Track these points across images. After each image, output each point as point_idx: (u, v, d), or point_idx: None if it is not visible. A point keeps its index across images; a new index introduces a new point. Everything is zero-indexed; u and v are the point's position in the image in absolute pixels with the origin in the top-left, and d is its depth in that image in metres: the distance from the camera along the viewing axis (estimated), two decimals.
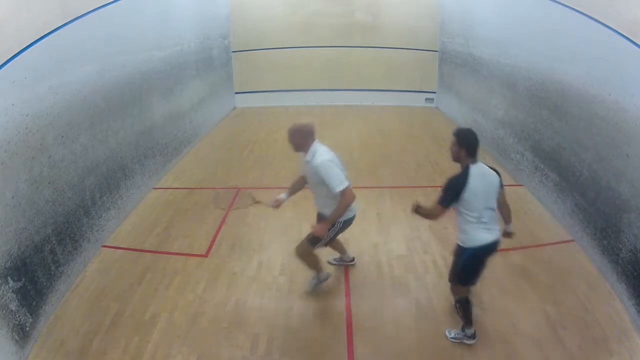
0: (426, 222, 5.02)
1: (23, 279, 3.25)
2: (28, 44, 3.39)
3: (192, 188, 6.14)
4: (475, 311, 3.46)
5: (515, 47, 6.45)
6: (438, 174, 6.52)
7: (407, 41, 10.97)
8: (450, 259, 4.28)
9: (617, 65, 3.90)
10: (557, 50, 5.13)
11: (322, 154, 3.31)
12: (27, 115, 3.39)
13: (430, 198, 5.61)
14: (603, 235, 4.03)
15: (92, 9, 4.41)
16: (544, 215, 5.19)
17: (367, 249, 4.52)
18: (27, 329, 3.22)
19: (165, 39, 6.68)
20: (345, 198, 3.21)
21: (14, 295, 3.13)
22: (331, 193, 3.22)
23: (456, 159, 3.07)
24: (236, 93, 11.27)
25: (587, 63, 4.43)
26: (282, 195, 3.66)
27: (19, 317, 3.14)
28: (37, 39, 3.51)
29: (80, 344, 3.29)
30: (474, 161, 3.00)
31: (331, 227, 3.38)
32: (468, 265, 3.13)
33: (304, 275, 4.10)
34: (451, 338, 3.30)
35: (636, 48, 3.59)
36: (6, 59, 3.14)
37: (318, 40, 10.96)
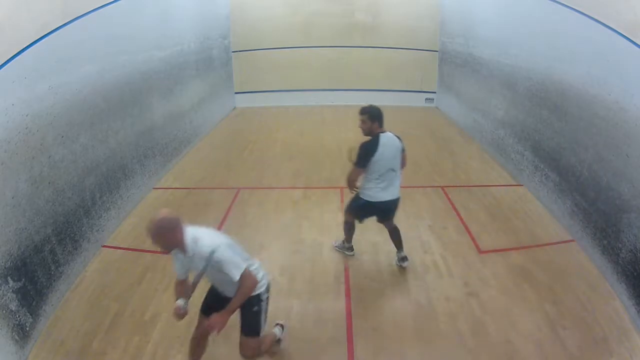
0: (426, 222, 5.04)
1: (23, 279, 3.25)
2: (28, 44, 3.39)
3: (192, 188, 6.14)
4: (475, 312, 3.46)
5: (515, 47, 6.45)
6: (438, 174, 6.52)
7: (407, 41, 10.96)
8: (450, 259, 4.32)
9: (617, 65, 3.90)
10: (557, 50, 5.13)
11: (207, 238, 2.66)
12: (27, 115, 3.39)
13: (430, 198, 5.67)
14: (603, 235, 4.03)
15: (92, 9, 4.41)
16: (544, 215, 5.19)
17: (367, 249, 4.52)
18: (27, 329, 3.22)
19: (165, 39, 6.68)
20: (247, 283, 2.60)
21: (14, 295, 3.12)
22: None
23: (368, 132, 3.72)
24: (236, 93, 11.27)
25: (587, 63, 4.43)
26: (180, 302, 2.73)
27: (19, 317, 3.14)
28: (37, 39, 3.50)
29: (80, 344, 3.29)
30: (383, 131, 3.72)
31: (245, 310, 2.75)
32: (359, 208, 3.99)
33: (304, 275, 4.11)
34: (335, 246, 4.41)
35: (636, 48, 3.59)
36: (6, 59, 3.14)
37: (318, 40, 10.96)
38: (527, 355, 3.14)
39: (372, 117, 3.70)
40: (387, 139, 3.71)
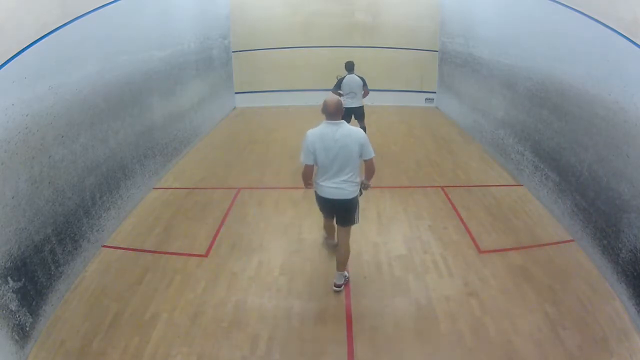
0: (426, 222, 5.04)
1: (23, 279, 3.25)
2: (28, 44, 3.39)
3: (192, 188, 6.14)
4: (475, 312, 3.47)
5: (515, 47, 6.45)
6: (438, 174, 6.52)
7: (407, 41, 10.96)
8: (450, 259, 4.32)
9: (617, 65, 3.90)
10: (557, 50, 5.13)
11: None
12: (27, 115, 3.39)
13: (430, 198, 5.67)
14: (603, 235, 4.03)
15: (92, 9, 4.41)
16: (544, 215, 5.19)
17: (367, 249, 4.52)
18: (27, 329, 3.22)
19: (165, 39, 6.68)
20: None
21: (14, 295, 3.13)
22: None
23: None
24: (236, 93, 11.27)
25: (587, 63, 4.43)
26: None
27: (19, 317, 3.15)
28: (37, 39, 3.50)
29: (80, 344, 3.29)
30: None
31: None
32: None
33: (304, 275, 4.11)
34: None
35: (636, 48, 3.59)
36: (6, 59, 3.14)
37: (318, 40, 10.95)
38: (527, 355, 3.14)
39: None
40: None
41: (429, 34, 10.87)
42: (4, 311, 3.01)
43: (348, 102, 6.53)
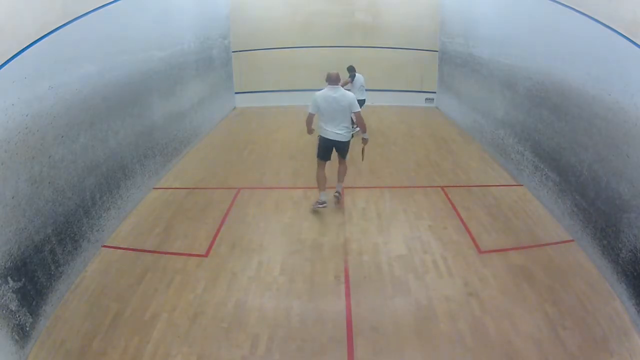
0: (426, 222, 5.04)
1: (23, 279, 3.25)
2: (28, 43, 3.39)
3: (192, 188, 6.14)
4: (475, 312, 3.47)
5: (515, 47, 6.45)
6: (438, 174, 6.52)
7: (407, 41, 10.96)
8: (450, 259, 4.32)
9: (617, 65, 3.90)
10: (557, 50, 5.13)
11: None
12: (27, 115, 3.38)
13: (430, 198, 5.67)
14: (603, 235, 4.03)
15: (92, 9, 4.41)
16: (544, 215, 5.19)
17: (367, 248, 4.52)
18: (27, 329, 3.22)
19: (165, 39, 6.68)
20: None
21: (14, 295, 3.12)
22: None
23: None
24: (236, 93, 11.27)
25: (587, 63, 4.43)
26: None
27: (19, 317, 3.14)
28: (37, 39, 3.50)
29: (80, 344, 3.29)
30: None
31: None
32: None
33: (304, 275, 4.11)
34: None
35: (636, 48, 3.59)
36: (6, 59, 3.14)
37: (318, 40, 10.95)
38: (527, 355, 3.14)
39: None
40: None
41: (429, 34, 10.88)
42: (4, 311, 3.01)
43: (359, 95, 7.55)
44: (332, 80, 5.06)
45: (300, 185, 6.15)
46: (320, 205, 5.26)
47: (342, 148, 5.26)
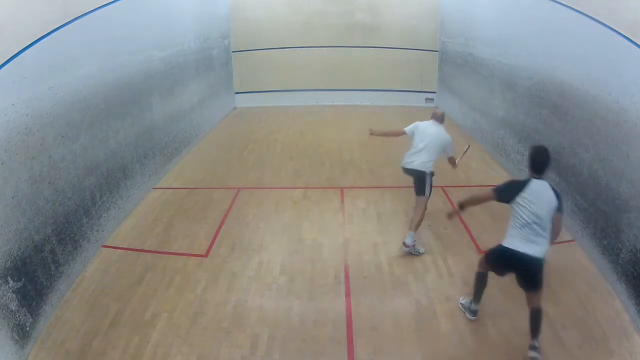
0: (426, 222, 5.02)
1: (23, 279, 3.25)
2: (28, 44, 3.39)
3: (192, 188, 6.14)
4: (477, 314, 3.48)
5: (515, 47, 6.45)
6: (438, 174, 6.49)
7: (407, 41, 10.96)
8: (450, 259, 4.32)
9: (617, 65, 3.90)
10: (557, 50, 5.13)
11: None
12: (27, 115, 3.39)
13: (430, 198, 5.63)
14: (603, 235, 4.03)
15: (92, 9, 4.41)
16: None
17: (367, 249, 4.52)
18: (27, 329, 3.22)
19: (165, 39, 6.68)
20: None
21: (14, 295, 3.13)
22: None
23: None
24: (236, 93, 11.27)
25: (587, 63, 4.43)
26: None
27: (19, 317, 3.15)
28: (37, 39, 3.50)
29: (80, 344, 3.29)
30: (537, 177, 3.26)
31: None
32: (493, 253, 3.42)
33: (304, 275, 4.11)
34: (460, 303, 3.65)
35: (636, 48, 3.59)
36: (6, 59, 3.14)
37: (318, 40, 10.95)
38: (527, 354, 3.13)
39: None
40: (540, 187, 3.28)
41: (429, 34, 10.87)
42: (4, 311, 3.01)
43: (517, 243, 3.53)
44: (438, 118, 4.85)
45: (300, 185, 6.15)
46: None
47: (418, 177, 4.70)
